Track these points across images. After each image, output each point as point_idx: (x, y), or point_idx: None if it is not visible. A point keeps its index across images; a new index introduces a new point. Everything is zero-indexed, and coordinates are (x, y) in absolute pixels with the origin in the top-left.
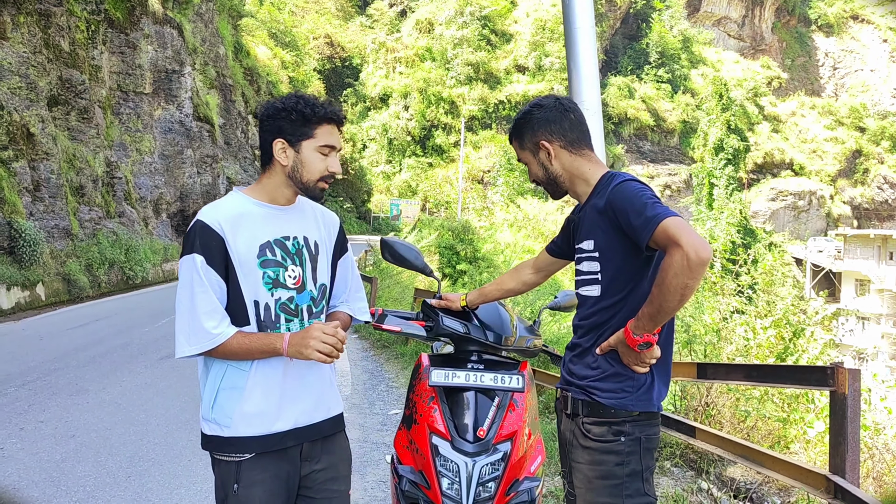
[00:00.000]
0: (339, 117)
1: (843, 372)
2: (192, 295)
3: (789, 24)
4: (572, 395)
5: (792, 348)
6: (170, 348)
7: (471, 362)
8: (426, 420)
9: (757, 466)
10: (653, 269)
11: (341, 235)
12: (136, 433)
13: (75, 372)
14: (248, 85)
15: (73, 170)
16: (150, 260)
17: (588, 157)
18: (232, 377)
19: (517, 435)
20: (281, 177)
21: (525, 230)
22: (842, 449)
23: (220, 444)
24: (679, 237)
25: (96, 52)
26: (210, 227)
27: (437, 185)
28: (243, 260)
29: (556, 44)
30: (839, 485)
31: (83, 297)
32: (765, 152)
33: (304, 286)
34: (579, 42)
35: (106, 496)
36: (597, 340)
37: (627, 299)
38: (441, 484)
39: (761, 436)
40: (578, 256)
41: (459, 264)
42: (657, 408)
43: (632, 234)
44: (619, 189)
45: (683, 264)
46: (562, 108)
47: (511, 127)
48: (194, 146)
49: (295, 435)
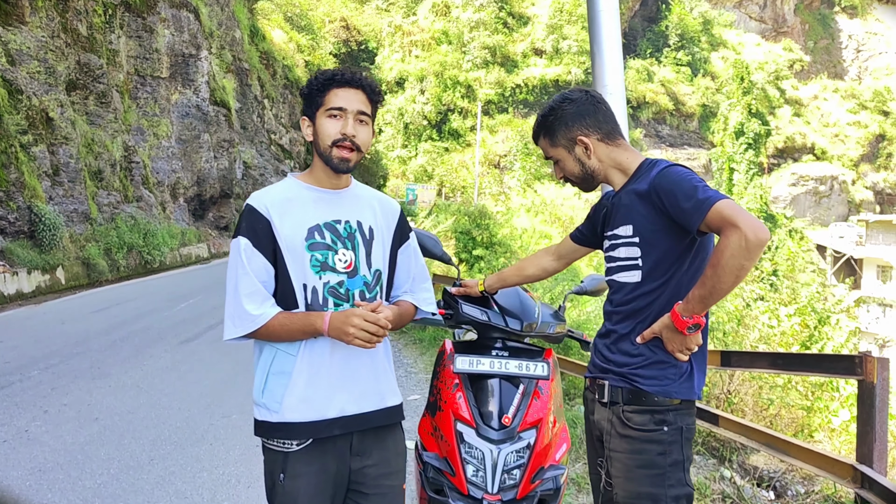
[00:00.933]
0: (347, 79)
1: (871, 361)
2: (236, 277)
3: (812, 5)
4: (610, 382)
5: (817, 336)
6: (189, 332)
7: (495, 349)
8: (451, 407)
9: (781, 455)
10: (693, 254)
11: (402, 223)
12: (158, 416)
13: (97, 356)
14: (263, 69)
15: (92, 154)
16: (168, 244)
17: (623, 146)
18: (281, 361)
19: (542, 423)
20: (316, 156)
21: (542, 215)
22: (869, 438)
23: (269, 429)
24: (736, 218)
25: (114, 36)
26: (257, 210)
27: (454, 170)
28: (290, 243)
29: (574, 26)
30: (866, 474)
31: (102, 280)
32: (786, 136)
33: (356, 270)
34: (603, 23)
35: (129, 479)
36: (635, 327)
37: (668, 285)
38: (466, 471)
39: (784, 424)
40: (613, 243)
41: (476, 249)
42: (697, 396)
43: (681, 217)
44: (665, 173)
45: (741, 245)
46: (593, 100)
47: (538, 124)
48: (211, 130)
49: (342, 424)
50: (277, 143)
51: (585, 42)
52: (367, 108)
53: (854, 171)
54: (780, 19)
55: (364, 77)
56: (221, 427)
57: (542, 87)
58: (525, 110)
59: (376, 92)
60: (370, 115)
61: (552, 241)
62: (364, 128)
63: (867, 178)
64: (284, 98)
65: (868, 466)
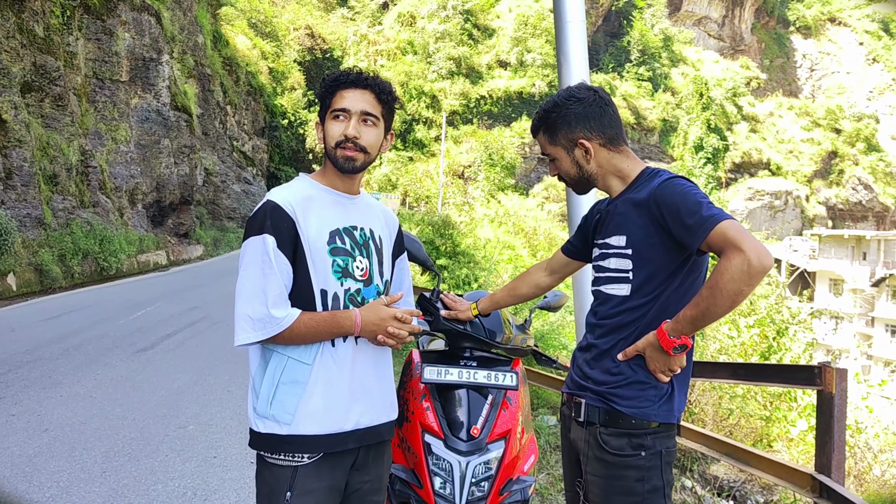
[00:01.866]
0: (353, 79)
1: (830, 371)
2: (262, 277)
3: (768, 25)
4: (587, 401)
5: (776, 347)
6: (145, 341)
7: (463, 359)
8: (418, 418)
9: (741, 465)
10: (686, 271)
11: (400, 236)
12: (112, 427)
13: (48, 364)
14: (226, 75)
15: (47, 158)
16: (125, 251)
17: (626, 153)
18: (293, 371)
19: (511, 434)
20: (327, 159)
21: (505, 225)
22: (828, 448)
23: (276, 443)
24: (741, 241)
25: (72, 38)
26: (282, 208)
27: (418, 180)
28: (314, 246)
29: (538, 39)
30: (825, 484)
31: (56, 287)
32: (743, 152)
33: (370, 279)
34: (570, 35)
35: (80, 492)
36: (618, 343)
37: (657, 301)
38: (433, 483)
39: (744, 434)
40: (603, 252)
41: (439, 259)
42: (676, 419)
43: (681, 233)
44: (667, 185)
45: (743, 269)
46: (601, 101)
47: (539, 117)
48: (171, 136)
49: (356, 437)
50: (240, 149)
51: (549, 55)
52: (375, 109)
53: (808, 186)
54: (737, 38)
55: (372, 77)
56: (177, 438)
57: (507, 99)
58: (489, 121)
59: (386, 92)
60: (378, 116)
61: (516, 251)
62: (370, 129)
63: (820, 194)
64: (248, 105)
65: (826, 476)
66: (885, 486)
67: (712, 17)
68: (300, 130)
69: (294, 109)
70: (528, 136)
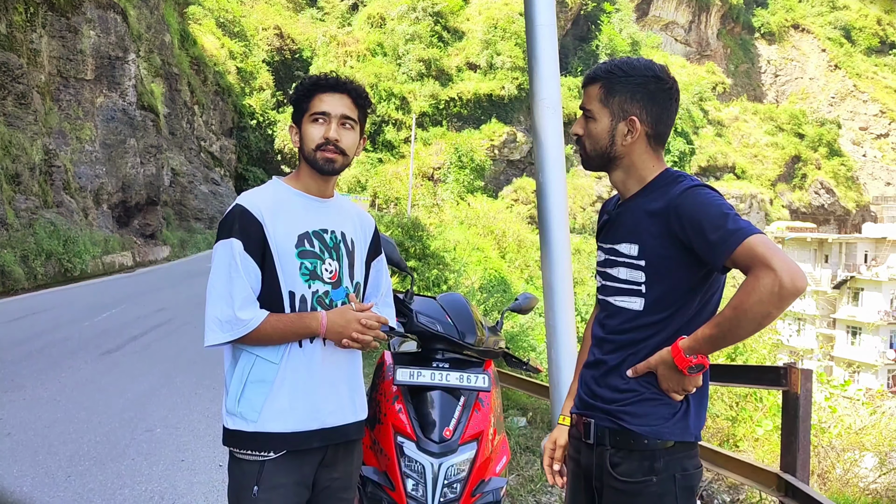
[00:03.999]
0: (332, 84)
1: (796, 372)
2: (229, 281)
3: (734, 31)
4: (596, 421)
5: (742, 348)
6: (111, 343)
7: (436, 360)
8: (391, 420)
9: (708, 464)
10: (707, 287)
11: (376, 238)
12: (77, 431)
13: (10, 367)
14: (194, 75)
15: (9, 157)
16: (90, 252)
17: (660, 157)
18: (261, 369)
19: (483, 435)
20: (303, 161)
21: (475, 227)
22: (793, 447)
23: (244, 439)
24: (772, 259)
25: (35, 35)
26: (250, 212)
27: (387, 181)
28: (281, 249)
29: (507, 43)
30: (790, 483)
31: (18, 289)
32: (708, 155)
33: (339, 281)
34: (540, 38)
35: (44, 497)
36: (627, 359)
37: (673, 319)
38: (406, 485)
39: (710, 433)
40: (610, 258)
41: (409, 261)
42: (695, 437)
43: (704, 248)
44: (689, 195)
45: (774, 290)
46: (673, 94)
47: (605, 69)
48: (137, 136)
49: (322, 436)
50: (207, 150)
51: (519, 58)
52: (353, 113)
53: (771, 190)
54: (703, 43)
55: (349, 82)
56: (144, 441)
57: (476, 102)
58: (459, 124)
59: (362, 96)
60: (355, 120)
61: (485, 253)
62: (349, 132)
63: (783, 198)
64: (215, 105)
65: (792, 475)
66: (848, 484)
67: (679, 23)
68: (269, 131)
69: (263, 110)
70: (498, 138)
